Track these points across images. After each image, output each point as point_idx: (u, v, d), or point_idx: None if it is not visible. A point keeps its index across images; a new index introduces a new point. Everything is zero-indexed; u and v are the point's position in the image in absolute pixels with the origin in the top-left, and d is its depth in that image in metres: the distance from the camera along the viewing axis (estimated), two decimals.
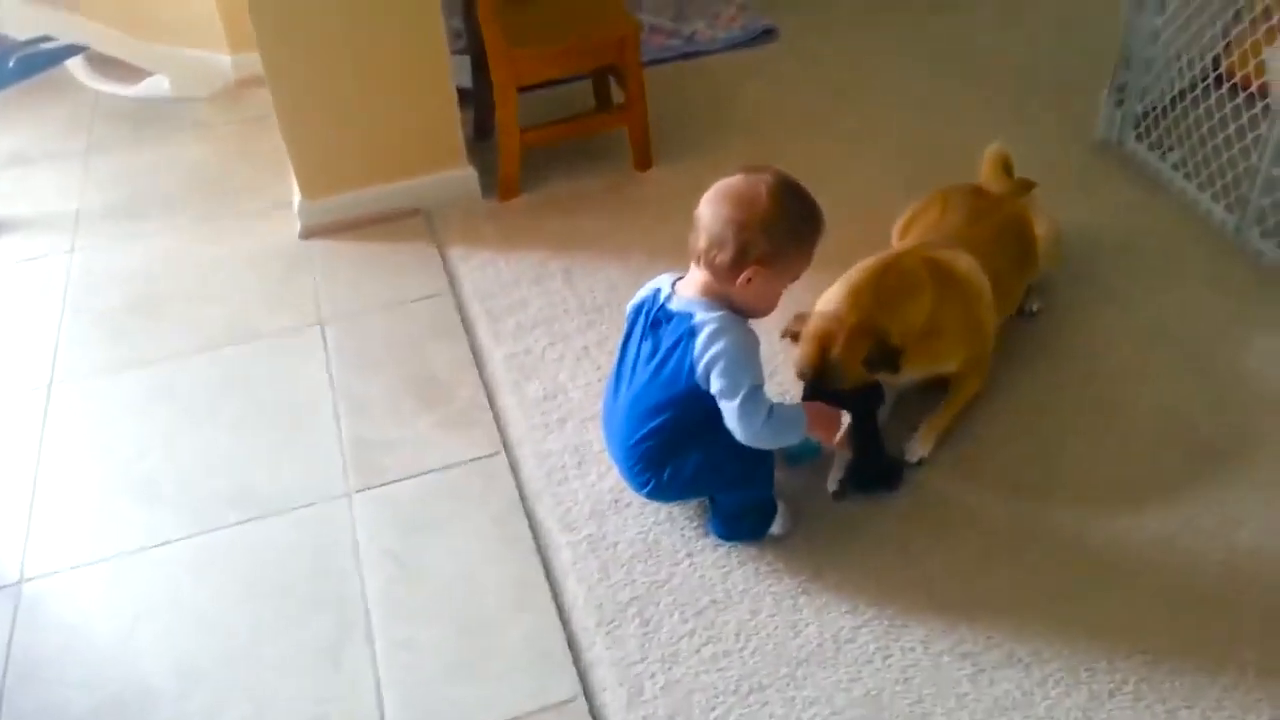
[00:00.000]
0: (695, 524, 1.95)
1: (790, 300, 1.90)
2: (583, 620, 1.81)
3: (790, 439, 1.79)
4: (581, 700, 1.68)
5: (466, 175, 2.84)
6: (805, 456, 2.04)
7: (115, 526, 2.04)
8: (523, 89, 2.74)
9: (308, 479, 2.10)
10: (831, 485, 1.98)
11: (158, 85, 3.45)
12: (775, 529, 1.91)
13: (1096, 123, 2.86)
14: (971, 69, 3.26)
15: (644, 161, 2.92)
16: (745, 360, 1.72)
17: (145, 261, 2.76)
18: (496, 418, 2.21)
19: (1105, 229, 2.58)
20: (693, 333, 1.73)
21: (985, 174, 2.42)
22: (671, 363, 1.76)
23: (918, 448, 2.04)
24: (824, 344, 1.90)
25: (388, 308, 2.54)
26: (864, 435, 2.00)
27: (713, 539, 1.92)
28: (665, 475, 1.84)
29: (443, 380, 2.31)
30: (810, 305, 2.01)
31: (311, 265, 2.69)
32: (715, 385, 1.72)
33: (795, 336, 1.97)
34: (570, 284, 2.56)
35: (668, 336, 1.78)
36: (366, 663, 1.76)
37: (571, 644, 1.77)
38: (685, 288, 1.79)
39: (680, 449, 1.81)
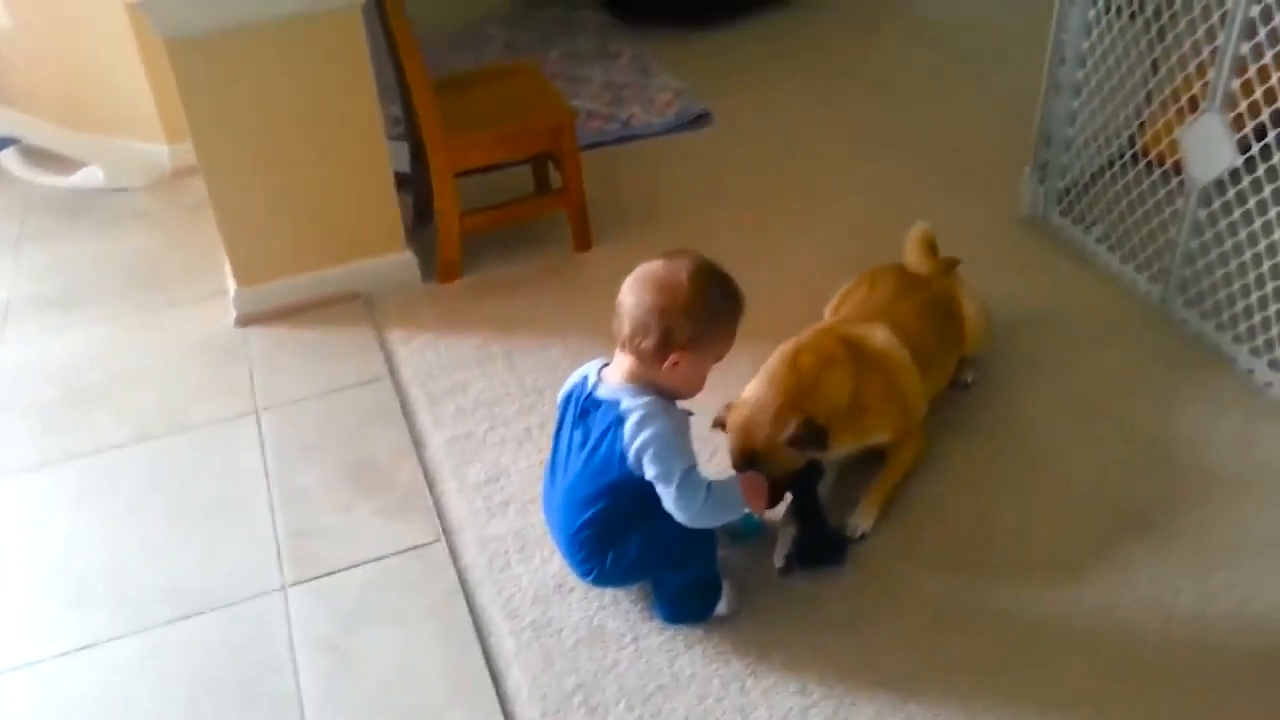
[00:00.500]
0: (640, 607, 1.93)
1: (722, 387, 1.92)
2: (526, 711, 1.77)
3: (730, 515, 1.79)
4: None
5: (406, 260, 2.84)
6: (749, 533, 2.03)
7: (46, 628, 1.97)
8: (461, 174, 2.77)
9: (242, 573, 2.05)
10: (778, 562, 1.97)
11: (92, 176, 3.42)
12: (721, 609, 1.89)
13: (1021, 199, 2.95)
14: (904, 148, 3.36)
15: (583, 243, 2.95)
16: (676, 444, 1.72)
17: (77, 353, 2.70)
18: (436, 503, 2.18)
19: (1035, 302, 2.65)
20: (620, 420, 1.74)
21: (909, 254, 2.47)
22: (602, 451, 1.76)
23: (860, 521, 2.04)
24: (749, 431, 1.93)
25: (326, 394, 2.51)
26: (806, 511, 2.01)
27: (659, 622, 1.90)
28: (608, 562, 1.82)
29: (382, 466, 2.28)
30: (740, 392, 2.03)
31: (248, 353, 2.65)
32: (649, 472, 1.72)
33: (724, 426, 2.01)
34: (511, 366, 2.56)
35: (597, 425, 1.78)
36: None
37: None
38: (612, 374, 1.80)
39: (620, 534, 1.80)
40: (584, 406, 1.82)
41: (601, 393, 1.79)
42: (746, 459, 1.93)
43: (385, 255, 2.82)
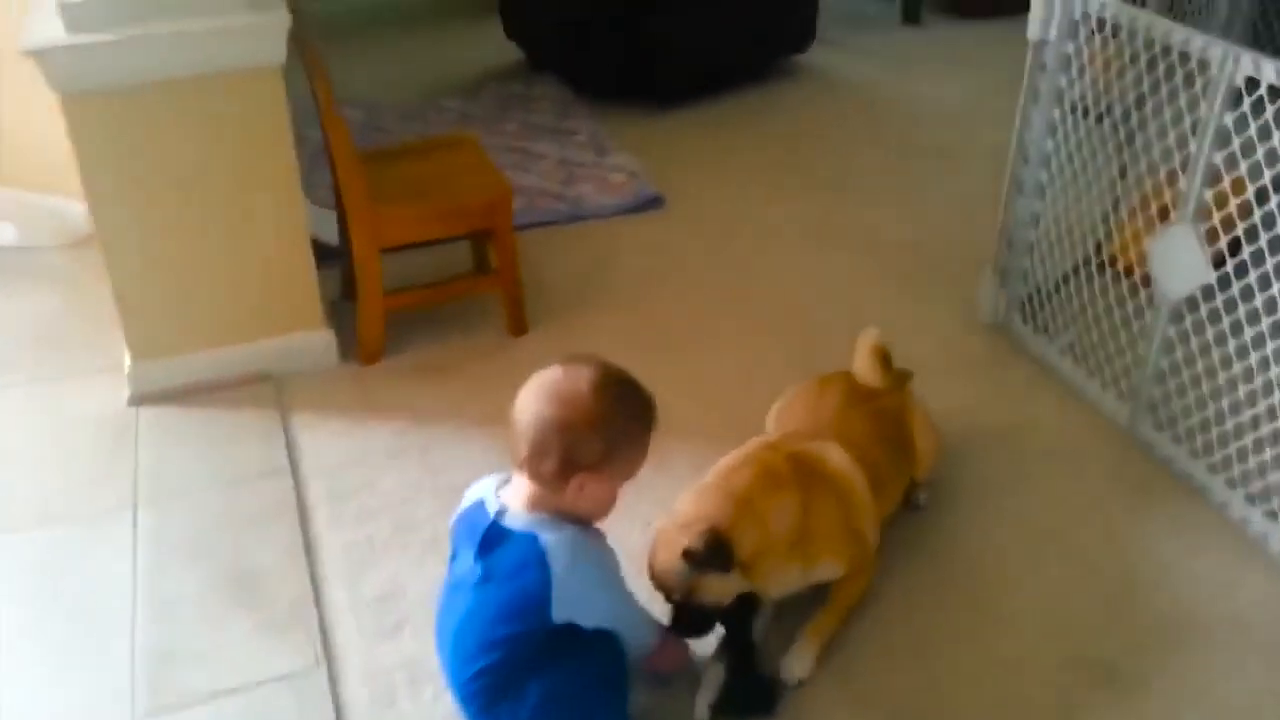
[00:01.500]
0: None
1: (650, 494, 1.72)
2: None
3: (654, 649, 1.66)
4: None
5: (323, 338, 2.62)
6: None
7: None
8: (390, 250, 2.57)
9: (95, 699, 1.79)
10: (700, 712, 1.74)
11: (4, 232, 3.19)
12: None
13: (982, 304, 2.79)
14: (861, 245, 3.20)
15: (518, 327, 2.75)
16: (609, 579, 1.60)
17: None
18: (321, 621, 1.93)
19: (994, 417, 2.46)
20: (542, 562, 1.52)
21: (859, 362, 2.25)
22: (513, 594, 1.55)
23: (795, 666, 1.81)
24: (654, 550, 1.74)
25: (215, 487, 2.26)
26: (737, 652, 1.79)
27: None
28: (502, 715, 1.58)
29: (267, 575, 2.03)
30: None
31: (137, 436, 2.41)
32: (594, 619, 1.54)
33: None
34: (426, 461, 2.33)
35: (505, 560, 1.56)
36: None
37: None
38: (513, 499, 1.59)
39: (517, 684, 1.57)
40: (485, 537, 1.60)
41: (510, 523, 1.58)
42: (666, 591, 1.72)
43: (300, 332, 2.60)
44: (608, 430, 1.51)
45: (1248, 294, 2.04)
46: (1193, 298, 2.17)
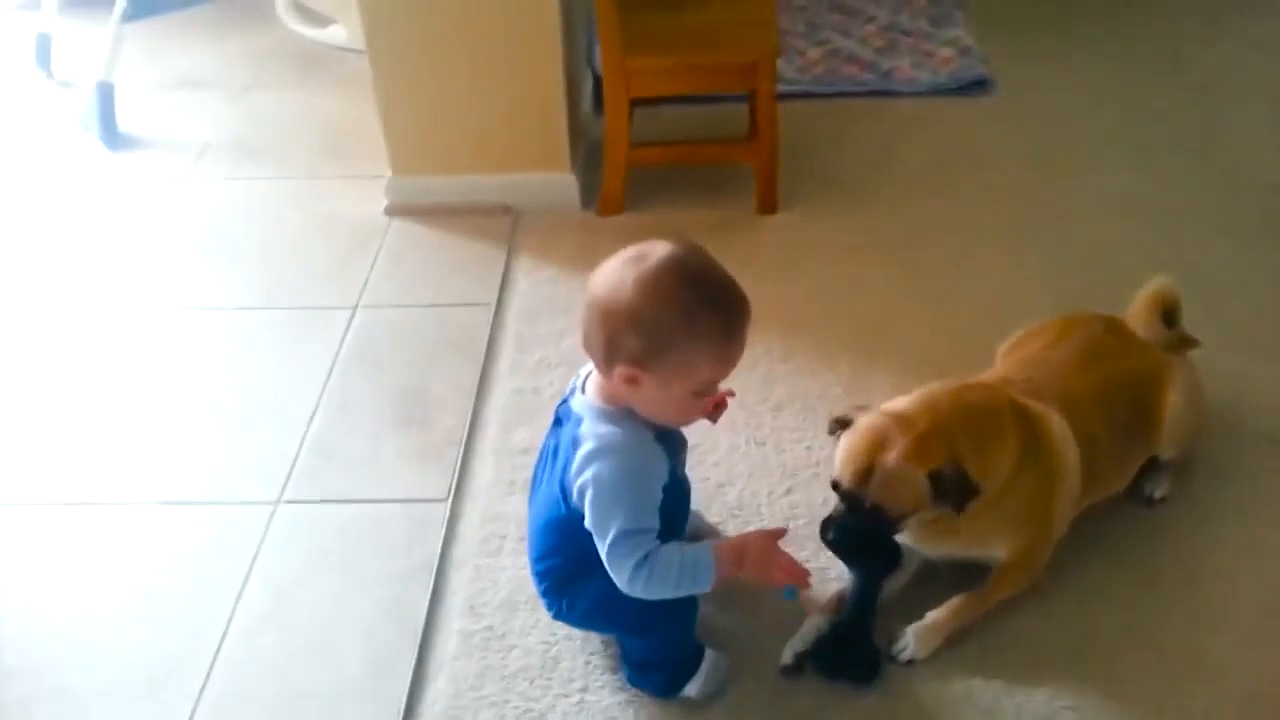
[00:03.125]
0: (611, 651, 1.61)
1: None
2: None
3: (679, 592, 1.40)
4: None
5: (566, 181, 2.58)
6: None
7: (42, 473, 1.97)
8: (644, 102, 2.45)
9: (247, 474, 1.94)
10: (786, 657, 1.57)
11: (336, 34, 3.42)
12: (691, 690, 1.53)
13: None
14: (1222, 176, 2.62)
15: (767, 204, 2.55)
16: (617, 495, 1.35)
17: (237, 207, 2.71)
18: (463, 459, 1.95)
19: None
20: (575, 444, 1.40)
21: (1136, 311, 1.87)
22: (559, 475, 1.43)
23: (916, 644, 1.58)
24: (880, 442, 1.48)
25: (427, 306, 2.34)
26: (857, 607, 1.58)
27: (621, 677, 1.58)
28: (563, 605, 1.52)
29: (434, 401, 2.08)
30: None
31: (379, 244, 2.53)
32: (587, 519, 1.38)
33: (843, 426, 1.56)
34: None
35: (563, 440, 1.45)
36: (192, 693, 1.57)
37: None
38: (592, 381, 1.45)
39: (576, 579, 1.48)
40: (558, 413, 1.50)
41: (575, 403, 1.46)
42: (859, 477, 1.49)
43: (546, 172, 2.57)
44: (651, 326, 1.30)
45: None
46: None
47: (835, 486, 1.53)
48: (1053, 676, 1.55)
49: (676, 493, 1.47)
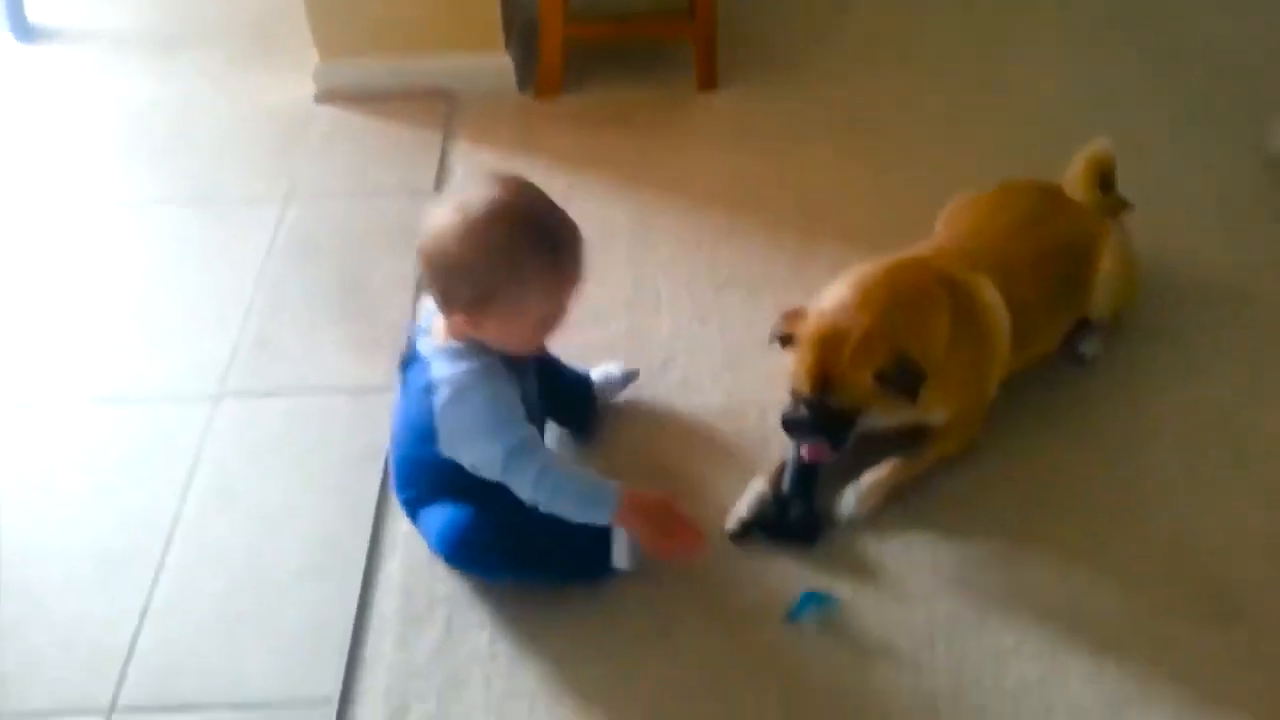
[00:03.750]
0: None
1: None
2: (384, 606, 1.55)
3: (578, 518, 1.43)
4: (334, 704, 1.43)
5: (501, 62, 2.51)
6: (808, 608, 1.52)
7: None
8: None
9: (186, 369, 1.91)
10: (732, 524, 1.61)
11: None
12: (621, 563, 1.53)
13: (1275, 136, 2.23)
14: (1159, 45, 2.62)
15: (706, 80, 2.51)
16: (491, 424, 1.41)
17: (158, 99, 2.59)
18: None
19: (1232, 275, 2.01)
20: (429, 391, 1.44)
21: (1072, 176, 1.89)
22: (415, 418, 1.48)
23: (855, 503, 1.62)
24: (829, 351, 1.53)
25: (361, 195, 2.29)
26: (799, 473, 1.62)
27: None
28: (422, 528, 1.59)
29: (373, 293, 2.05)
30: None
31: (310, 133, 2.46)
32: (466, 460, 1.43)
33: (787, 340, 1.59)
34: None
35: (411, 382, 1.50)
36: (141, 590, 1.57)
37: (357, 633, 1.51)
38: (438, 323, 1.48)
39: (427, 507, 1.54)
40: (404, 356, 1.53)
41: (422, 347, 1.50)
42: (818, 383, 1.53)
43: (479, 53, 2.50)
44: (478, 276, 1.36)
45: None
46: None
47: (796, 393, 1.57)
48: (988, 530, 1.61)
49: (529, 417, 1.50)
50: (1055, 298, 1.76)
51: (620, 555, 1.52)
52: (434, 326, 1.50)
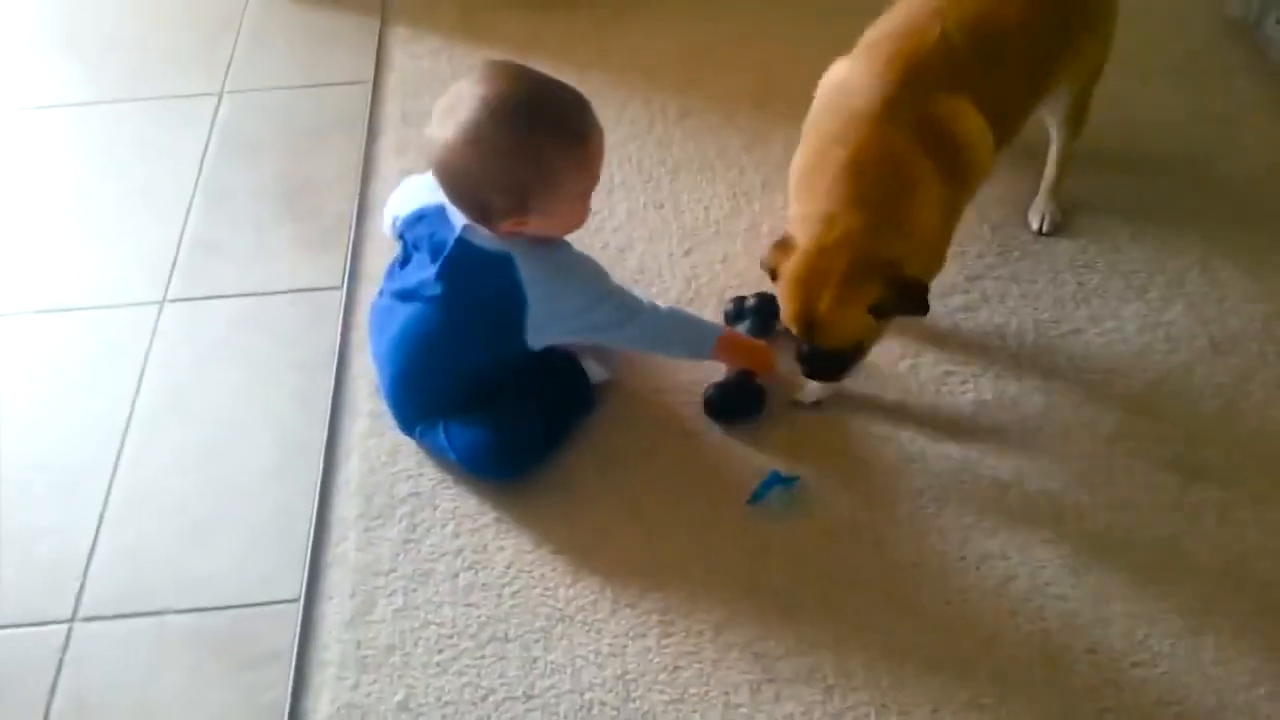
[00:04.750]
0: None
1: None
2: (345, 509, 1.53)
3: (676, 352, 1.58)
4: (300, 604, 1.43)
5: None
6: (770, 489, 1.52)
7: None
8: None
9: (129, 274, 1.85)
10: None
11: None
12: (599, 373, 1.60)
13: None
14: None
15: None
16: (594, 291, 1.46)
17: None
18: (355, 245, 1.88)
19: (1191, 134, 1.98)
20: (516, 284, 1.40)
21: None
22: (491, 316, 1.44)
23: (817, 389, 1.61)
24: (811, 293, 1.39)
25: (299, 88, 2.20)
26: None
27: None
28: (426, 438, 1.56)
29: (318, 187, 1.98)
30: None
31: (243, 23, 2.34)
32: (593, 335, 1.49)
33: (774, 274, 1.45)
34: None
35: (479, 282, 1.43)
36: (96, 499, 1.54)
37: (319, 535, 1.50)
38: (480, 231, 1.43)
39: (454, 414, 1.53)
40: (451, 255, 1.44)
41: (481, 240, 1.42)
42: (806, 329, 1.42)
43: None
44: (505, 182, 1.33)
45: None
46: None
47: (793, 336, 1.47)
48: (954, 408, 1.62)
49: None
50: (1039, 79, 1.56)
51: (594, 371, 1.58)
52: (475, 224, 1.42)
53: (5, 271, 1.87)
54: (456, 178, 1.36)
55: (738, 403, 1.59)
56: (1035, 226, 1.84)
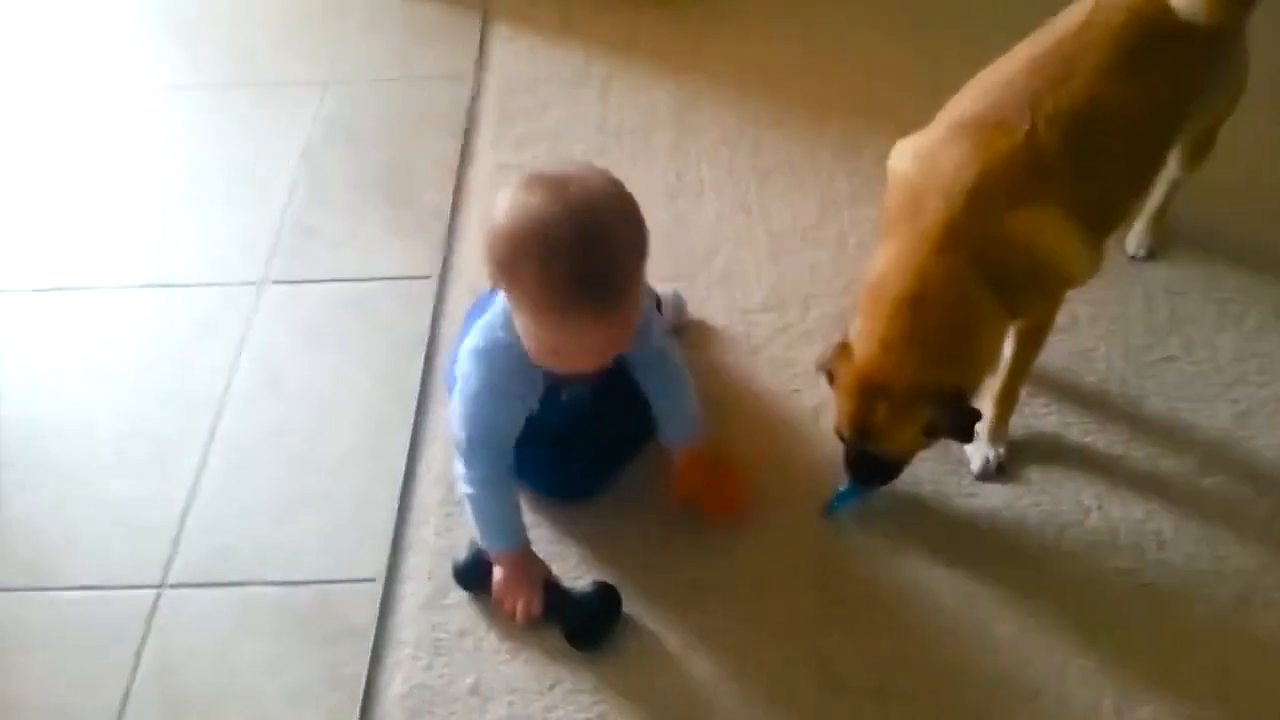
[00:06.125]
0: None
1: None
2: (426, 494, 1.57)
3: (478, 533, 1.43)
4: (380, 584, 1.47)
5: None
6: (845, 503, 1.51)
7: (19, 261, 1.93)
8: None
9: (231, 254, 1.92)
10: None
11: None
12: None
13: None
14: None
15: None
16: (470, 410, 1.37)
17: None
18: (449, 235, 1.93)
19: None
20: (468, 322, 1.47)
21: None
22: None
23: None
24: (867, 404, 1.35)
25: (401, 79, 2.25)
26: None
27: None
28: None
29: (416, 177, 2.03)
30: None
31: (346, 17, 2.41)
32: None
33: (830, 377, 1.41)
34: (604, 96, 2.18)
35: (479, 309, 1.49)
36: (190, 471, 1.60)
37: (401, 518, 1.54)
38: None
39: None
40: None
41: (484, 300, 1.49)
42: (858, 434, 1.38)
43: None
44: (491, 252, 1.23)
45: None
46: None
47: (840, 438, 1.43)
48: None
49: (560, 413, 1.45)
50: (1154, 157, 1.49)
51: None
52: None
53: (110, 246, 1.95)
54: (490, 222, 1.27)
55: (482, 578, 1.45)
56: (1131, 251, 1.81)
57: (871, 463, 1.43)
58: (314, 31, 2.37)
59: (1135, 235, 1.81)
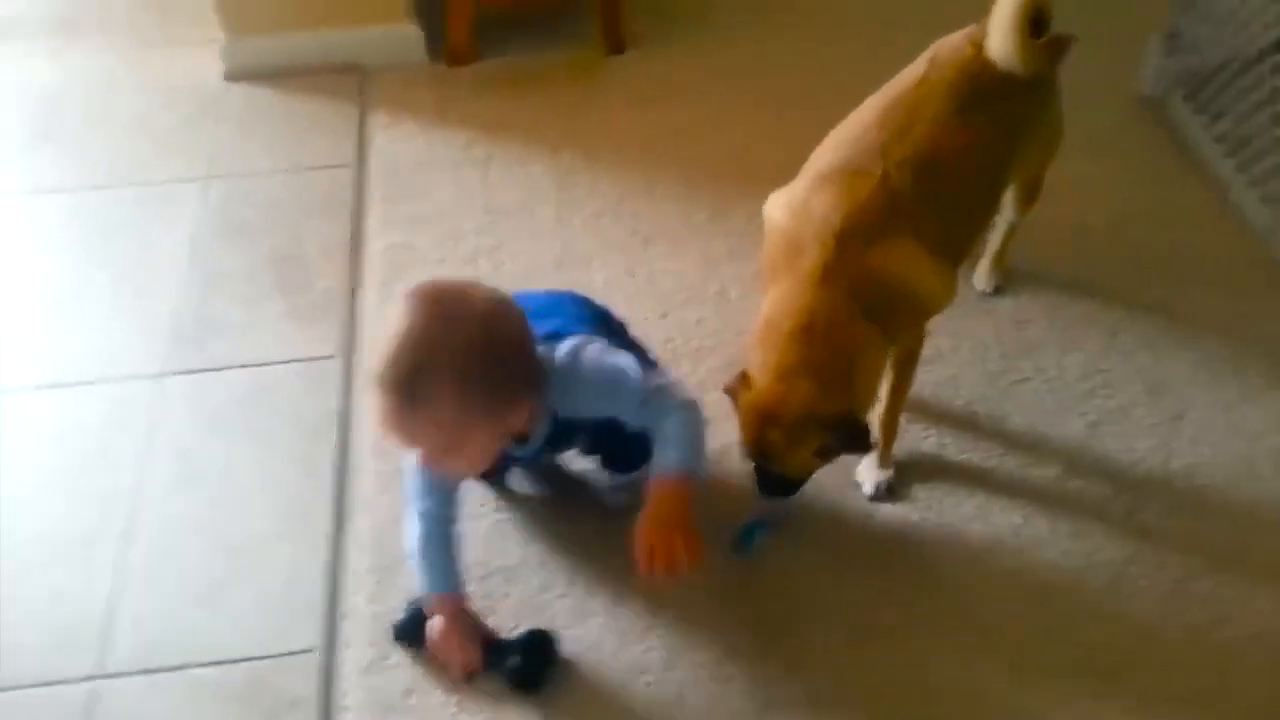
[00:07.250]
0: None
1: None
2: (357, 562, 1.61)
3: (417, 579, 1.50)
4: (319, 654, 1.49)
5: (410, 33, 2.55)
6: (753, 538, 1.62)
7: None
8: None
9: (128, 350, 1.92)
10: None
11: None
12: None
13: (1144, 73, 2.42)
14: None
15: (613, 44, 2.59)
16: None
17: (66, 82, 2.56)
18: (350, 316, 1.98)
19: (1114, 197, 2.18)
20: None
21: (997, 24, 1.59)
22: None
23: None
24: (764, 427, 1.47)
25: (284, 172, 2.30)
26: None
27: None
28: None
29: (309, 263, 2.08)
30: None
31: (223, 112, 2.46)
32: None
33: (734, 395, 1.52)
34: (485, 177, 2.28)
35: None
36: (114, 559, 1.60)
37: (334, 588, 1.58)
38: None
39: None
40: None
41: None
42: (759, 455, 1.51)
43: (387, 25, 2.53)
44: None
45: None
46: None
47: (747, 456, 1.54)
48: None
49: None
50: (993, 189, 1.69)
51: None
52: None
53: (6, 350, 1.92)
54: None
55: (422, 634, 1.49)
56: (980, 287, 2.01)
57: (774, 479, 1.56)
58: (192, 128, 2.40)
59: (982, 274, 2.01)
